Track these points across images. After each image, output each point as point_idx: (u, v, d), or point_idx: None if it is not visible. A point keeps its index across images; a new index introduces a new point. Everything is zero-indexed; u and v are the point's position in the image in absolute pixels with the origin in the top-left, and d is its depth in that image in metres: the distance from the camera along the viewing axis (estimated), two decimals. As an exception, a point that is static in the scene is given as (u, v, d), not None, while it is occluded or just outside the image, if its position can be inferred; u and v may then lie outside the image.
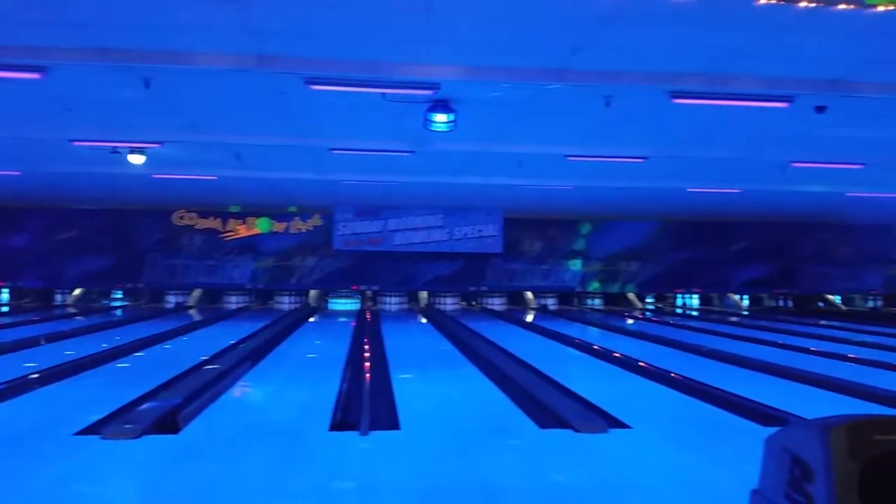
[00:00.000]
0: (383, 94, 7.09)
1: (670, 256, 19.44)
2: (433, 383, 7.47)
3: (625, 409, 5.99)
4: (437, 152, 10.15)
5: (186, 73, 6.73)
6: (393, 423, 5.43)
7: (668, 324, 15.28)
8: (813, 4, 4.52)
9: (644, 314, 17.98)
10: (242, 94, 7.56)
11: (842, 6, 4.51)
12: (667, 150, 10.00)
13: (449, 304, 18.76)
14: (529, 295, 19.34)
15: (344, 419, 5.56)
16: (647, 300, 20.39)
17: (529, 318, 16.36)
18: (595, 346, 10.45)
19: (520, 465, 4.48)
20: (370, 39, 5.95)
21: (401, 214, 17.74)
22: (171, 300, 18.25)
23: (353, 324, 13.90)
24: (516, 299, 19.43)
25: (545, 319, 15.63)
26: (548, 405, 6.01)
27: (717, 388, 6.92)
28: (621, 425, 5.45)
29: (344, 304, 18.59)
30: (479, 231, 17.95)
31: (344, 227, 17.67)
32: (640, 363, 8.69)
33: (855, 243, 19.69)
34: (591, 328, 14.18)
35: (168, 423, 5.20)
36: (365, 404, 5.93)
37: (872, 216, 17.31)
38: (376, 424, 5.30)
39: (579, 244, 19.21)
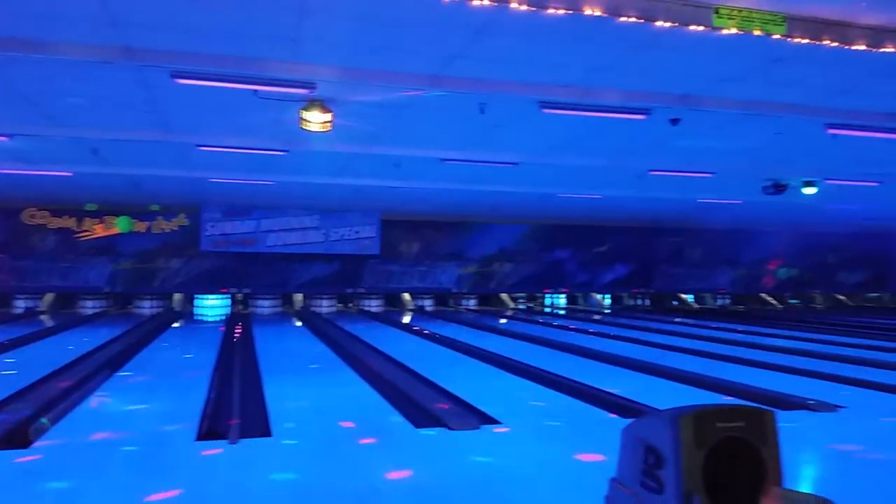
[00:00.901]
0: (255, 91, 6.90)
1: (541, 258, 20.22)
2: (307, 387, 7.35)
3: (496, 406, 6.18)
4: (313, 152, 10.00)
5: (41, 63, 6.23)
6: (264, 430, 5.30)
7: (537, 322, 15.88)
8: (668, 24, 4.87)
9: (515, 314, 18.59)
10: (104, 85, 7.10)
11: (693, 27, 4.89)
12: (537, 157, 10.41)
13: (325, 306, 18.50)
14: (407, 296, 19.45)
15: (212, 428, 5.36)
16: (519, 300, 21.08)
17: (406, 319, 16.45)
18: (469, 346, 10.68)
19: (395, 465, 4.51)
20: (241, 35, 5.78)
21: (275, 215, 17.30)
22: (21, 305, 16.79)
23: (223, 329, 13.38)
24: (394, 301, 19.48)
25: (422, 320, 15.78)
26: (423, 405, 6.10)
27: (581, 383, 7.29)
28: (493, 422, 5.62)
29: (213, 309, 17.84)
30: (357, 232, 17.85)
31: (212, 227, 16.97)
32: (512, 361, 8.99)
33: (706, 246, 21.36)
34: (465, 328, 14.46)
35: (18, 437, 4.82)
36: (234, 412, 5.74)
37: (721, 221, 18.85)
38: (246, 432, 5.15)
39: (456, 246, 19.57)
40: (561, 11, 4.59)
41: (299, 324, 15.05)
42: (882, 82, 6.41)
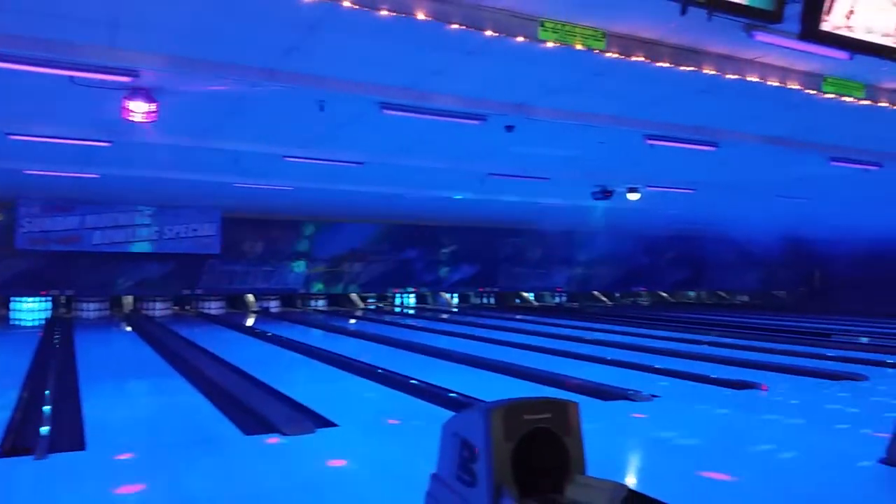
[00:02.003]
0: (72, 77, 6.36)
1: (391, 258, 20.33)
2: (132, 397, 6.90)
3: (335, 407, 6.12)
4: (142, 144, 9.37)
5: None
6: (78, 444, 4.90)
7: (386, 322, 15.95)
8: (496, 34, 5.06)
9: (365, 314, 18.55)
10: None
11: (520, 38, 5.11)
12: (382, 158, 10.45)
13: (159, 309, 17.42)
14: (251, 298, 18.79)
15: (17, 443, 4.88)
16: (369, 300, 21.06)
17: (250, 321, 15.90)
18: (314, 348, 10.51)
19: (222, 474, 4.33)
20: (55, 16, 5.30)
21: (101, 210, 16.01)
22: None
23: (41, 334, 12.23)
24: (236, 303, 18.73)
25: (266, 323, 15.31)
26: (256, 411, 5.91)
27: (426, 382, 7.39)
28: (329, 424, 5.56)
29: (31, 312, 16.22)
30: (195, 230, 16.95)
31: (29, 223, 15.42)
32: (358, 362, 8.96)
33: (545, 247, 22.47)
34: (312, 330, 14.23)
35: None
36: (45, 425, 5.26)
37: (558, 223, 19.90)
38: (57, 446, 4.74)
39: (303, 245, 19.18)
40: (391, 14, 4.62)
41: (129, 328, 14.08)
42: (690, 98, 7.05)
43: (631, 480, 4.24)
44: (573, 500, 2.81)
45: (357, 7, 4.50)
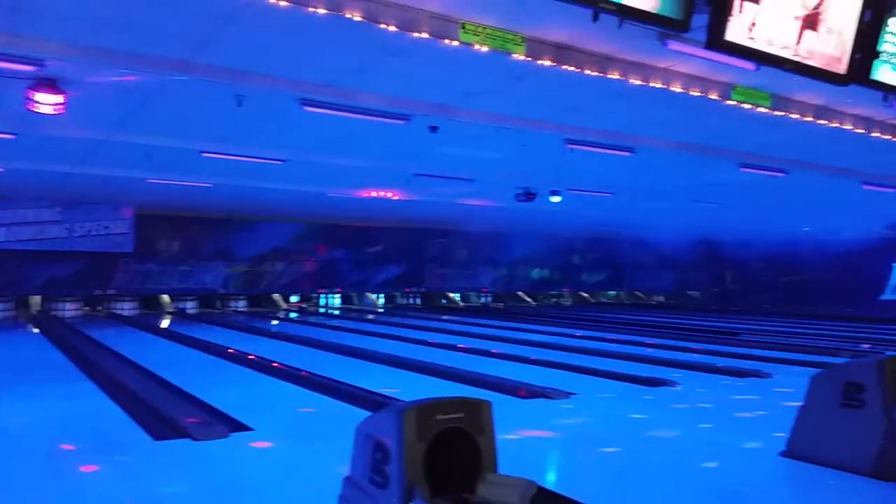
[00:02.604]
0: (-32, 64, 5.97)
1: (316, 258, 20.04)
2: (33, 401, 6.53)
3: (250, 411, 5.97)
4: (49, 137, 8.89)
5: None
6: (-28, 453, 4.61)
7: (310, 323, 15.70)
8: (422, 35, 5.05)
9: (288, 315, 18.22)
10: None
11: (444, 40, 5.13)
12: (304, 155, 10.27)
13: (68, 309, 16.58)
14: (166, 298, 18.13)
15: None
16: (293, 300, 20.69)
17: (165, 323, 15.35)
18: (231, 350, 10.23)
19: (129, 480, 4.15)
20: (-54, -3, 4.97)
21: (5, 206, 15.11)
22: None
23: (-65, 337, 11.46)
24: (150, 303, 18.03)
25: (182, 324, 14.81)
26: (167, 415, 5.70)
27: (348, 384, 7.30)
28: (244, 428, 5.41)
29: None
30: (106, 228, 16.21)
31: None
32: (278, 364, 8.77)
33: (471, 247, 22.66)
34: (231, 331, 13.85)
35: None
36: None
37: (483, 224, 20.10)
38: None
39: (223, 244, 18.66)
40: (327, 12, 4.54)
41: (35, 330, 13.35)
42: (607, 104, 7.24)
43: (548, 477, 4.31)
44: (484, 499, 2.83)
45: (288, 4, 4.40)
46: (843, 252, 23.81)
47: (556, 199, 13.96)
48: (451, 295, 23.00)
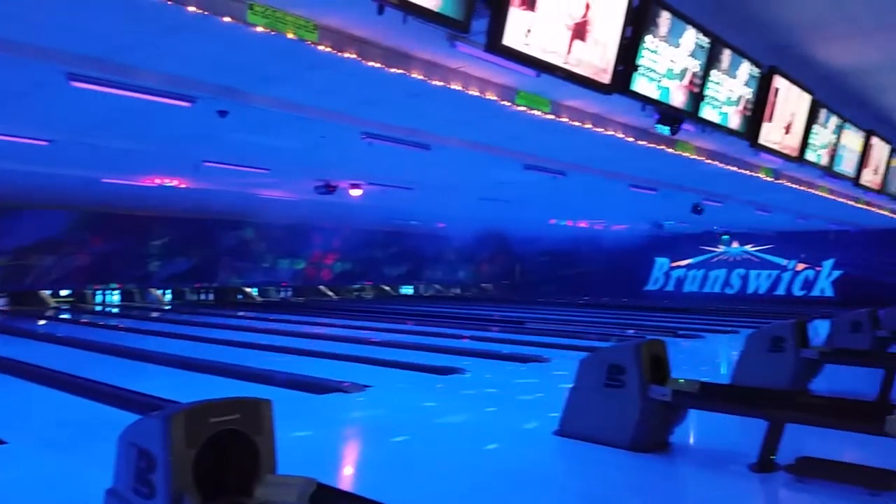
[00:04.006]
0: None
1: (90, 250, 18.21)
2: None
3: (4, 422, 5.30)
4: None
5: None
6: None
7: (83, 323, 14.29)
8: (201, 11, 4.72)
9: (58, 314, 16.38)
10: None
11: (227, 18, 4.83)
12: (75, 136, 9.24)
13: None
14: None
15: None
16: (64, 297, 18.62)
17: None
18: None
19: None
20: None
21: None
22: None
23: None
24: None
25: (-80, 326, 12.73)
26: None
27: (118, 387, 6.72)
28: (-7, 443, 4.76)
29: None
30: None
31: None
32: (38, 368, 7.85)
33: (269, 240, 21.94)
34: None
35: None
36: None
37: (282, 216, 19.53)
38: None
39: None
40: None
41: None
42: (402, 100, 7.33)
43: (335, 472, 4.26)
44: (261, 501, 2.72)
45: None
46: (615, 247, 26.52)
47: (356, 192, 13.95)
48: (248, 290, 22.11)
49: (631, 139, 8.83)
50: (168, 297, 20.41)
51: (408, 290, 26.97)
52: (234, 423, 2.75)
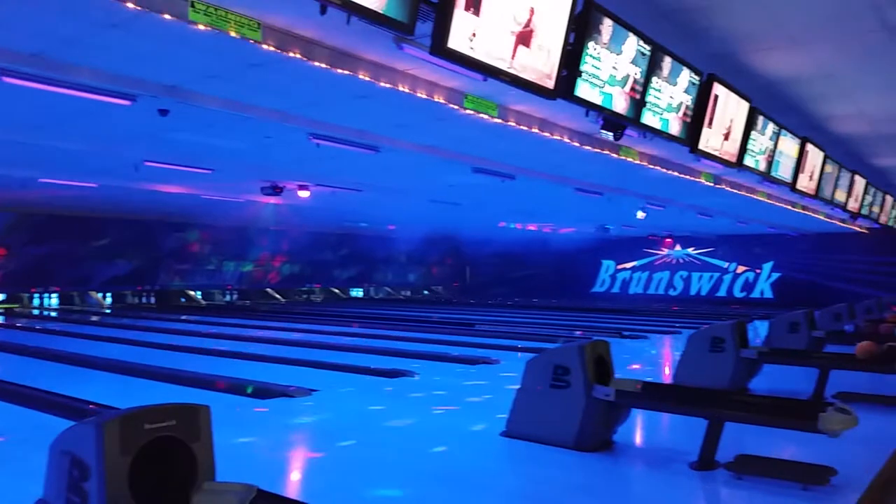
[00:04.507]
0: None
1: (27, 252, 17.53)
2: None
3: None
4: None
5: None
6: None
7: (19, 328, 13.74)
8: (140, 8, 4.60)
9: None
10: None
11: (167, 16, 4.72)
12: (8, 135, 8.88)
13: None
14: None
15: None
16: (0, 302, 17.91)
17: None
18: None
19: None
20: None
21: None
22: None
23: None
24: None
25: None
26: None
27: (53, 393, 6.50)
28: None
29: None
30: None
31: None
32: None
33: (214, 242, 21.49)
34: None
35: None
36: None
37: (228, 217, 19.15)
38: None
39: None
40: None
41: None
42: (350, 102, 7.27)
43: (278, 478, 4.19)
44: (200, 509, 2.66)
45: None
46: (563, 250, 26.91)
47: (304, 193, 13.79)
48: (192, 293, 21.61)
49: (576, 144, 8.96)
50: (108, 300, 19.80)
51: (358, 292, 26.79)
52: (171, 429, 2.68)
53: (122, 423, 2.56)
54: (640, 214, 16.42)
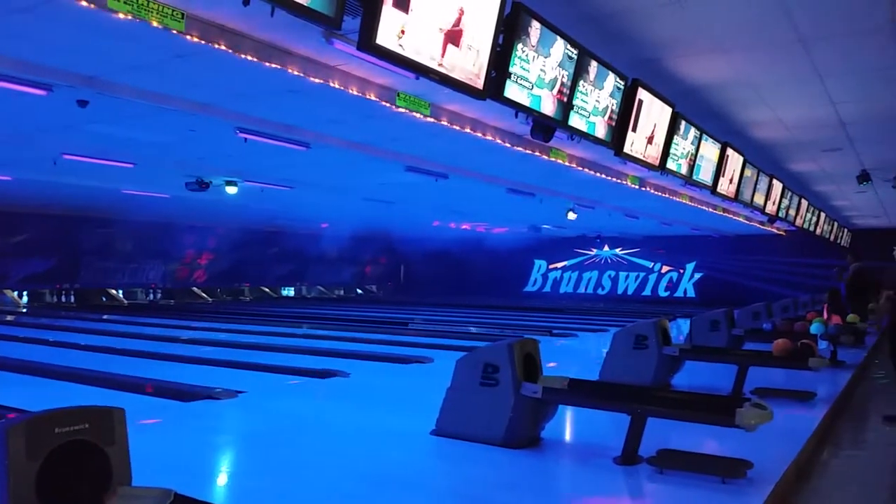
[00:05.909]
0: None
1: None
2: None
3: None
4: None
5: None
6: None
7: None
8: (57, -7, 4.39)
9: None
10: None
11: (84, 3, 4.51)
12: None
13: None
14: None
15: None
16: None
17: None
18: None
19: None
20: None
21: None
22: None
23: None
24: None
25: None
26: None
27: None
28: None
29: None
30: None
31: None
32: None
33: (137, 239, 20.73)
34: None
35: None
36: None
37: (151, 213, 18.49)
38: None
39: None
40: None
41: None
42: (278, 96, 7.14)
43: (201, 482, 4.07)
44: (113, 515, 2.56)
45: None
46: (497, 249, 27.19)
47: (232, 189, 13.46)
48: (113, 292, 20.79)
49: (508, 145, 9.05)
50: (25, 299, 18.87)
51: (289, 291, 26.36)
52: (83, 433, 2.57)
53: (29, 427, 2.44)
54: (571, 215, 16.78)
